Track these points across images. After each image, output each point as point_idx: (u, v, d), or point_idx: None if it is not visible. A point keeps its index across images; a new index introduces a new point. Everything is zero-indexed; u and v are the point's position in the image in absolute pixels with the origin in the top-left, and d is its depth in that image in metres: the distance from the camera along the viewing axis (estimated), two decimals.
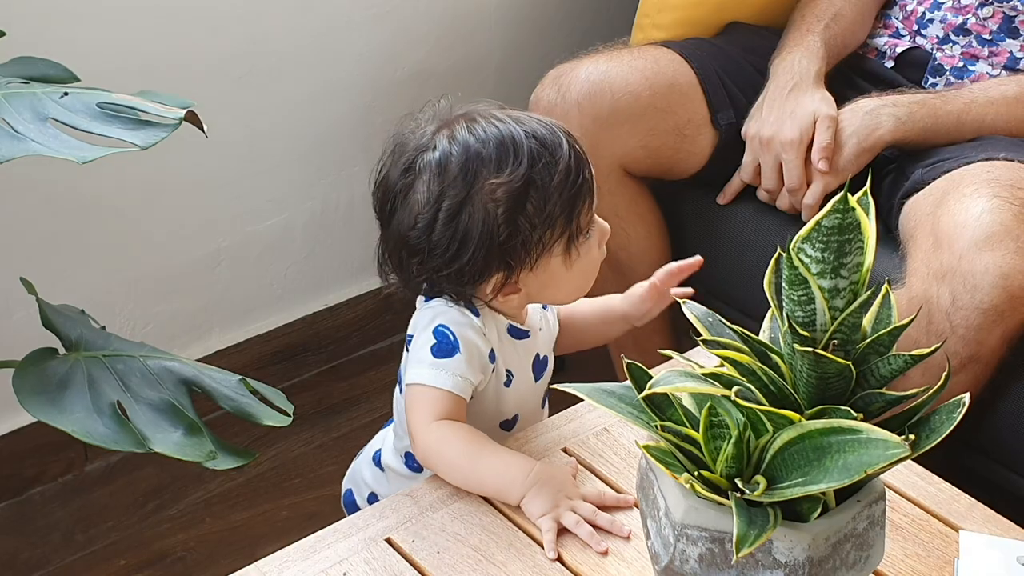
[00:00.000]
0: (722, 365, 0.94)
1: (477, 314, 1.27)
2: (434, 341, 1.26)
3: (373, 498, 1.41)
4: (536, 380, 1.35)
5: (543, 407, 1.40)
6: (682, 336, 1.27)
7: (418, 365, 1.26)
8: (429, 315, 1.28)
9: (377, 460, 1.41)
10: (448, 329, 1.26)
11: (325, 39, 2.08)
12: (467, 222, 1.22)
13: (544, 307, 1.37)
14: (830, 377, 0.91)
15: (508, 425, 1.36)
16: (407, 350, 1.30)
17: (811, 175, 1.77)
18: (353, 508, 1.45)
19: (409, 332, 1.30)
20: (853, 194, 0.91)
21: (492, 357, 1.28)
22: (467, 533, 1.19)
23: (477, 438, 1.24)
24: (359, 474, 1.45)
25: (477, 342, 1.26)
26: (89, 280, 1.95)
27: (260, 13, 2.00)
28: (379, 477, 1.41)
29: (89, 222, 1.94)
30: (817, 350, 0.89)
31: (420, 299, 1.32)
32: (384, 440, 1.42)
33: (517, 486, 1.21)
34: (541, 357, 1.35)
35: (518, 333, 1.32)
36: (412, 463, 1.35)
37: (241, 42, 2.00)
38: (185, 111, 1.32)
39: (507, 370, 1.31)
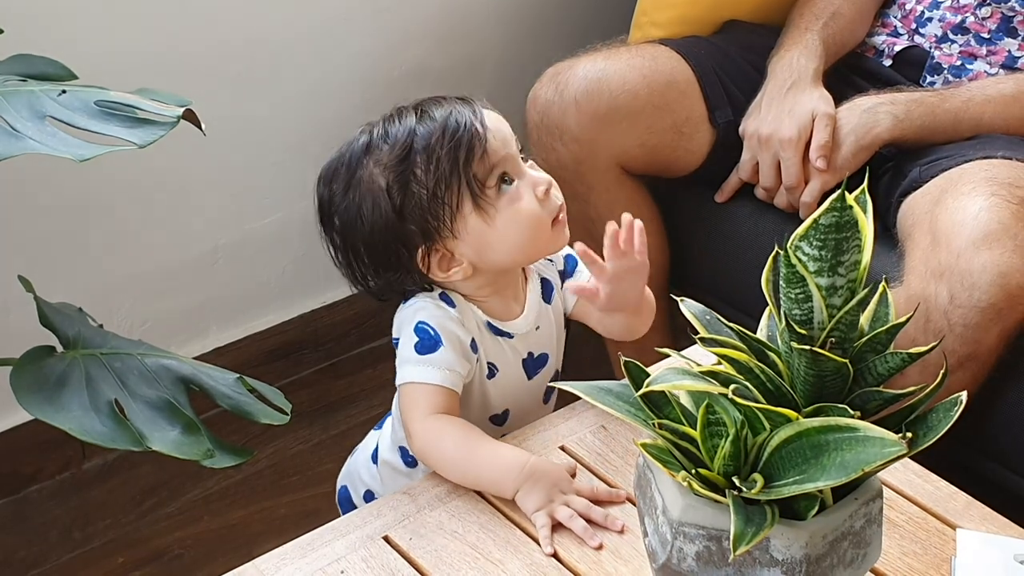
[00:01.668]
0: (720, 363, 0.94)
1: (453, 305, 1.29)
2: (416, 339, 1.27)
3: (369, 495, 1.42)
4: (530, 378, 1.35)
5: (546, 403, 1.40)
6: (680, 334, 1.27)
7: (405, 364, 1.27)
8: (408, 314, 1.29)
9: (375, 458, 1.42)
10: (427, 325, 1.27)
11: (323, 36, 2.08)
12: (358, 199, 1.26)
13: (550, 302, 1.36)
14: (827, 375, 0.91)
15: (499, 420, 1.36)
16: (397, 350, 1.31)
17: (809, 173, 1.77)
18: (347, 504, 1.46)
19: (394, 335, 1.31)
20: (851, 192, 0.91)
21: (474, 347, 1.29)
22: (464, 531, 1.19)
23: (472, 432, 1.25)
24: (356, 472, 1.45)
25: (457, 332, 1.27)
26: (87, 278, 1.95)
27: (258, 11, 2.00)
28: (375, 474, 1.41)
29: (87, 220, 1.94)
30: (814, 348, 0.89)
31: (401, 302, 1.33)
32: (381, 436, 1.42)
33: (511, 479, 1.21)
34: (536, 355, 1.35)
35: (497, 331, 1.32)
36: (407, 457, 1.36)
37: (239, 40, 1.99)
38: (183, 109, 1.32)
39: (489, 363, 1.32)
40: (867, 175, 1.04)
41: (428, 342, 1.26)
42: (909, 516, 1.22)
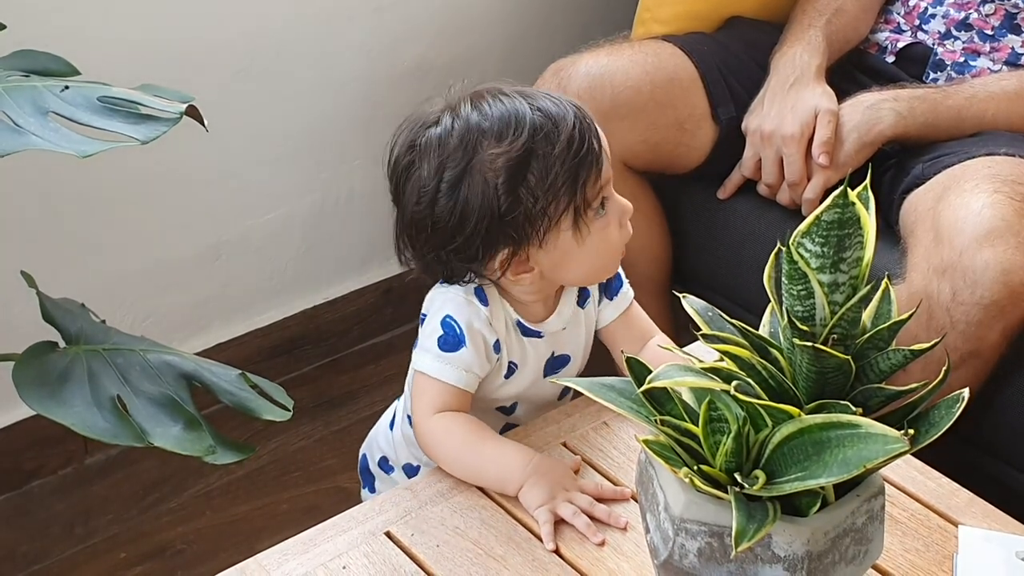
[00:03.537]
0: (722, 359, 0.94)
1: (486, 303, 1.27)
2: (441, 332, 1.26)
3: (383, 462, 1.44)
4: (546, 376, 1.34)
5: (561, 400, 1.39)
6: (682, 330, 1.27)
7: (425, 354, 1.27)
8: (439, 301, 1.28)
9: (392, 425, 1.43)
10: (455, 321, 1.26)
11: (326, 32, 2.08)
12: (467, 193, 1.20)
13: (583, 304, 1.34)
14: (829, 372, 0.91)
15: (506, 411, 1.36)
16: (421, 326, 1.30)
17: (811, 170, 1.77)
18: (366, 472, 1.48)
19: (423, 311, 1.30)
20: (853, 189, 0.91)
21: (497, 348, 1.28)
22: (466, 527, 1.19)
23: (478, 429, 1.25)
24: (374, 440, 1.47)
25: (483, 332, 1.26)
26: (89, 274, 1.96)
27: (260, 6, 2.00)
28: (391, 441, 1.43)
29: (89, 216, 1.94)
30: (816, 345, 0.89)
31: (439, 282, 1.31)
32: (398, 406, 1.43)
33: (515, 476, 1.21)
34: (557, 355, 1.34)
35: (527, 331, 1.31)
36: None
37: (242, 36, 1.99)
38: (186, 105, 1.32)
39: (510, 362, 1.31)
40: (869, 172, 1.04)
41: (452, 339, 1.26)
42: (911, 513, 1.22)
